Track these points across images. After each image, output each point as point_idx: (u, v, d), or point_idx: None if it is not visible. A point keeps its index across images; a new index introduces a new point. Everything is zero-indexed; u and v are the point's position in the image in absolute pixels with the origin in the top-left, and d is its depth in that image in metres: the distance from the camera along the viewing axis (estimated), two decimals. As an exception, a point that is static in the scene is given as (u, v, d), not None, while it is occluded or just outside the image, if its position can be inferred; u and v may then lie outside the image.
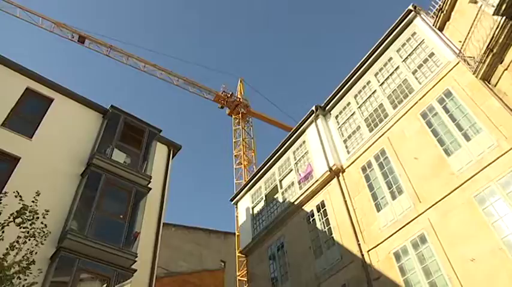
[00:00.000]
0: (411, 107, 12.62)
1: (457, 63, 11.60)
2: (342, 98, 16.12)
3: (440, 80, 12.02)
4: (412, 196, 11.32)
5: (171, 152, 16.64)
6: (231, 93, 37.88)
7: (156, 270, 12.84)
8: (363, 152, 13.79)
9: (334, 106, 16.37)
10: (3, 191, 8.54)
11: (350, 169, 14.14)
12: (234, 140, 35.87)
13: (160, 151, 15.95)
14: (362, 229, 12.57)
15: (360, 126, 14.57)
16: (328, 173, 14.56)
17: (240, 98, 38.26)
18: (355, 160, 14.00)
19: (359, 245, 12.32)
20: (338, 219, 13.59)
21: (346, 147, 14.86)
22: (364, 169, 13.48)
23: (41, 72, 14.50)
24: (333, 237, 13.51)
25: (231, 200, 21.10)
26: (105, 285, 11.02)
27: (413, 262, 10.49)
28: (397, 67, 13.96)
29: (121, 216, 12.74)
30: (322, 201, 14.66)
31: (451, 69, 11.79)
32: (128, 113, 15.59)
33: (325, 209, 14.40)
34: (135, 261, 11.66)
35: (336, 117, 16.11)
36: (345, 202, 13.57)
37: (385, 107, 13.78)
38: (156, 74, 35.66)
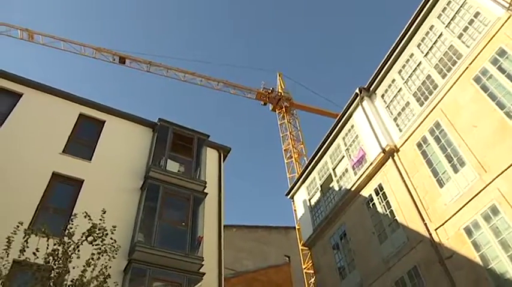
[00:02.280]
0: (462, 74, 11.88)
1: (509, 18, 10.73)
2: (385, 76, 15.53)
3: (491, 39, 11.20)
4: (476, 166, 10.67)
5: (222, 155, 16.93)
6: (271, 89, 37.78)
7: (224, 271, 13.13)
8: (416, 128, 13.20)
9: (379, 85, 15.81)
10: (73, 213, 9.09)
11: (404, 148, 13.60)
12: (281, 135, 35.78)
13: (211, 156, 16.28)
14: (426, 207, 12.05)
15: (409, 101, 13.97)
16: (382, 154, 14.11)
17: (281, 93, 38.05)
18: (409, 137, 13.43)
19: (425, 224, 11.82)
20: (399, 200, 13.14)
21: (397, 125, 14.30)
22: (419, 145, 12.91)
23: (90, 97, 15.35)
24: (396, 219, 13.08)
25: (287, 194, 21.07)
26: (177, 291, 11.45)
27: (487, 236, 9.88)
28: (441, 34, 13.20)
29: (183, 223, 13.18)
30: (380, 184, 14.24)
31: (502, 25, 10.91)
32: (176, 124, 16.08)
33: (384, 192, 13.98)
34: (202, 265, 12.00)
35: (382, 96, 15.55)
36: (404, 181, 13.08)
37: (433, 78, 13.10)
38: (196, 82, 36.41)
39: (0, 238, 7.64)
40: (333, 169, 17.32)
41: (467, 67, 11.74)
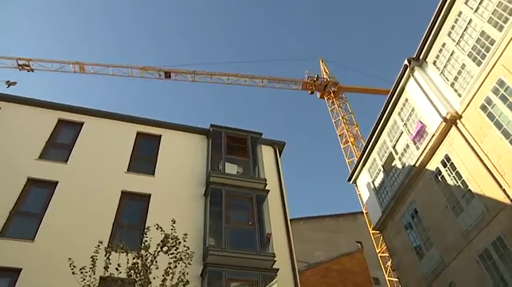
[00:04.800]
0: (522, 22, 10.89)
1: None
2: (434, 41, 14.64)
3: (548, -21, 10.18)
4: (553, 120, 9.74)
5: (277, 150, 16.93)
6: (316, 76, 37.17)
7: (297, 265, 13.13)
8: (477, 90, 12.30)
9: (429, 52, 14.93)
10: (146, 227, 9.54)
11: (467, 113, 12.75)
12: (333, 121, 35.13)
13: (266, 153, 16.35)
14: (502, 173, 11.21)
15: (465, 63, 13.06)
16: (444, 124, 13.34)
17: (326, 78, 37.30)
18: (470, 101, 12.57)
19: (504, 190, 11.00)
20: (470, 169, 12.36)
21: (456, 91, 13.44)
22: (484, 108, 12.04)
23: (142, 115, 16.03)
24: (470, 190, 12.32)
25: (349, 179, 20.65)
26: (254, 289, 11.62)
27: None
28: (490, -16, 12.19)
29: (249, 222, 13.36)
30: (446, 155, 13.48)
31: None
32: (227, 127, 16.36)
33: (452, 163, 13.22)
34: (275, 261, 12.08)
35: (434, 63, 14.70)
36: (473, 148, 12.28)
37: (488, 33, 12.13)
38: (240, 82, 36.70)
39: (85, 257, 8.22)
40: (393, 147, 16.69)
41: (525, 14, 10.75)
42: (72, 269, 8.13)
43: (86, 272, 8.07)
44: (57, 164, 13.38)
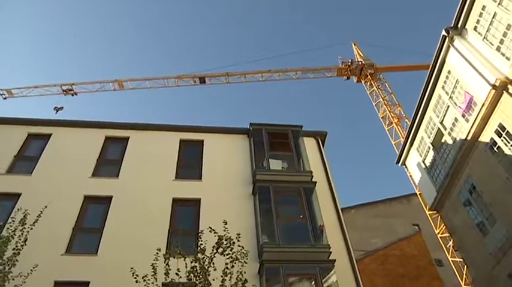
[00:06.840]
0: None
1: None
2: (472, 6, 13.82)
3: None
4: None
5: (319, 141, 16.71)
6: (350, 61, 36.30)
7: (353, 254, 12.90)
8: (527, 50, 11.50)
9: (467, 18, 14.14)
10: (199, 230, 9.74)
11: (519, 76, 11.94)
12: (374, 103, 34.12)
13: (309, 145, 16.17)
14: None
15: (511, 24, 12.21)
16: (494, 91, 12.57)
17: (361, 61, 36.33)
18: (521, 63, 11.76)
19: None
20: (529, 135, 11.58)
21: (503, 54, 12.61)
22: (537, 69, 11.22)
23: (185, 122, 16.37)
24: (531, 157, 11.56)
25: (397, 161, 20.04)
26: (313, 282, 11.53)
27: None
28: None
29: (300, 216, 13.28)
30: (500, 124, 12.71)
31: None
32: (267, 124, 16.37)
33: (507, 131, 12.45)
34: (330, 252, 11.93)
35: (475, 29, 13.88)
36: (529, 113, 11.50)
37: (532, -12, 11.28)
38: (274, 78, 36.51)
39: (146, 265, 8.51)
40: (441, 123, 15.97)
41: None
42: (135, 278, 8.45)
43: (149, 279, 8.36)
44: (109, 179, 14.00)
